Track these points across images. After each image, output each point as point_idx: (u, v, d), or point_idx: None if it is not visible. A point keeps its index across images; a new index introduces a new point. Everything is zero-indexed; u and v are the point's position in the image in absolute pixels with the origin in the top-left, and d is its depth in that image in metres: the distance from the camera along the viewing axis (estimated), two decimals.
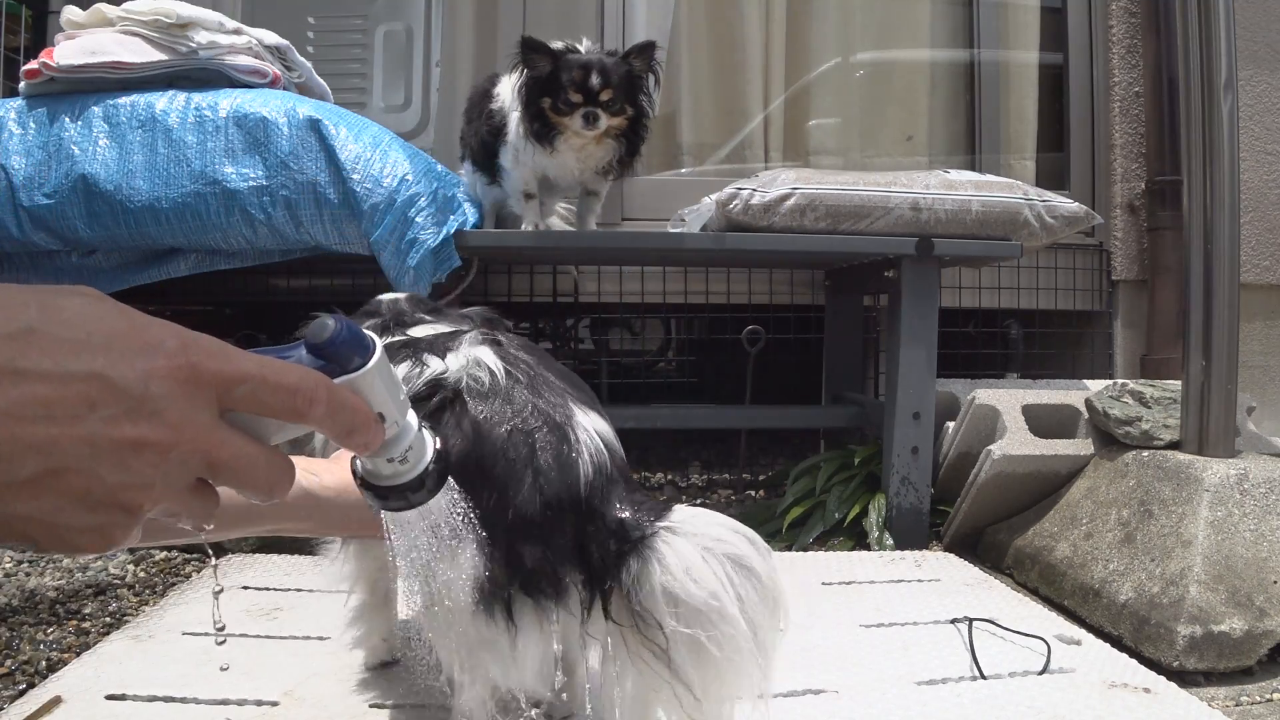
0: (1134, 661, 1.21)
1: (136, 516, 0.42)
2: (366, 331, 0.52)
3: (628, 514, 0.71)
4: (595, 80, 1.67)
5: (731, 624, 0.67)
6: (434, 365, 0.78)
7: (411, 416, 0.56)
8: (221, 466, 0.44)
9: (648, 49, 1.74)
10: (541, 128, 1.73)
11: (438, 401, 0.76)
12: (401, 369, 0.78)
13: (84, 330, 0.40)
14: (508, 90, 1.80)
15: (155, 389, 0.41)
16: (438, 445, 0.59)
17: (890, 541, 1.81)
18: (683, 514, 0.72)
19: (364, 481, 0.58)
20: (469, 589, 0.69)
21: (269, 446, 0.47)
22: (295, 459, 0.75)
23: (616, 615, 0.70)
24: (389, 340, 0.89)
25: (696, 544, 0.69)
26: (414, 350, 0.81)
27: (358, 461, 0.58)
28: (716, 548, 0.69)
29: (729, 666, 0.67)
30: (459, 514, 0.64)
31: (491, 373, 0.77)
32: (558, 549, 0.70)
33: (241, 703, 1.02)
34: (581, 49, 1.74)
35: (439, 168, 1.89)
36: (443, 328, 0.92)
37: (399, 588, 0.89)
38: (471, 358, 0.79)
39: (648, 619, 0.68)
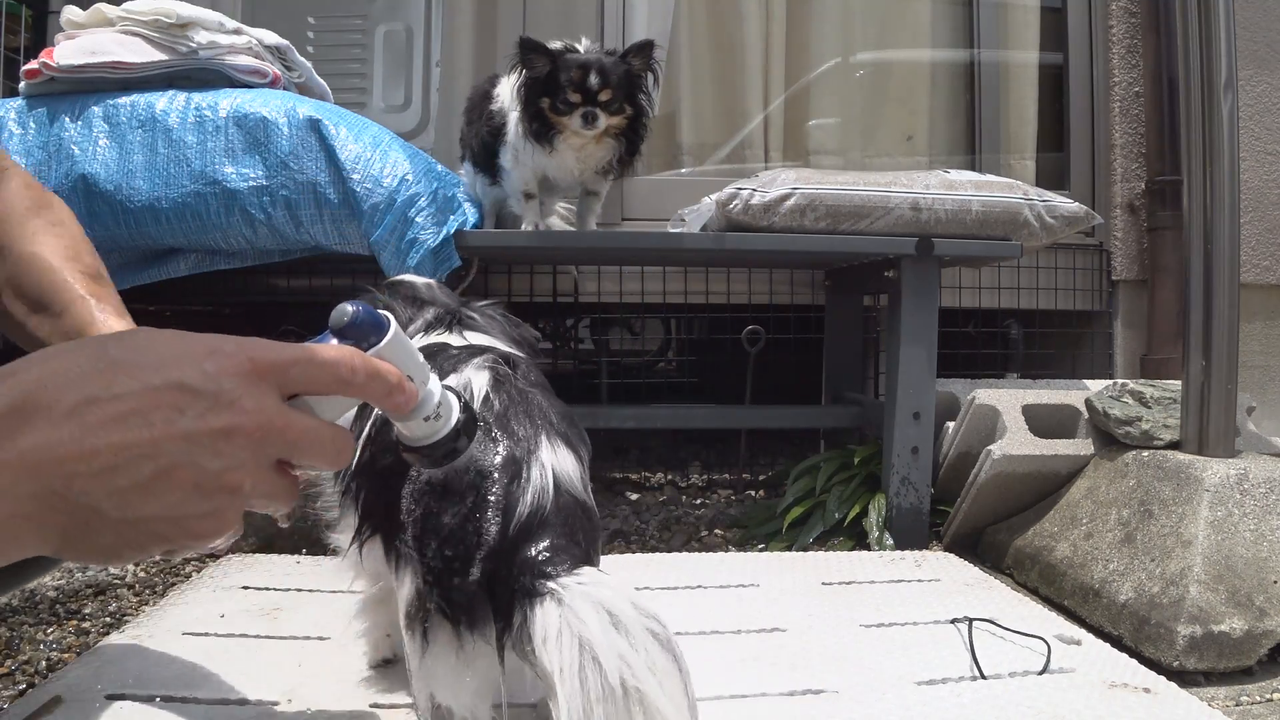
0: (1134, 661, 1.21)
1: (239, 495, 0.50)
2: (380, 311, 0.59)
3: (538, 560, 0.69)
4: (594, 80, 1.67)
5: (571, 710, 0.62)
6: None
7: (434, 378, 0.62)
8: (296, 442, 0.51)
9: (646, 48, 1.74)
10: (540, 128, 1.73)
11: None
12: None
13: (155, 353, 0.48)
14: (507, 91, 1.80)
15: (226, 384, 0.48)
16: (463, 399, 0.64)
17: (890, 541, 1.81)
18: (576, 579, 0.68)
19: (407, 448, 0.64)
20: (405, 602, 0.72)
21: (331, 423, 0.55)
22: None
23: (518, 652, 0.68)
24: (440, 337, 0.92)
25: (561, 616, 0.65)
26: (432, 360, 0.83)
27: (399, 432, 0.63)
28: (575, 625, 0.64)
29: None
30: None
31: (471, 397, 0.79)
32: (475, 579, 0.70)
33: (242, 703, 1.02)
34: (580, 49, 1.73)
35: (439, 168, 1.89)
36: (492, 338, 0.96)
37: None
38: (464, 380, 0.81)
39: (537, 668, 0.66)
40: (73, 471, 0.45)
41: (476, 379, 0.82)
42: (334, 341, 0.57)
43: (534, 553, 0.70)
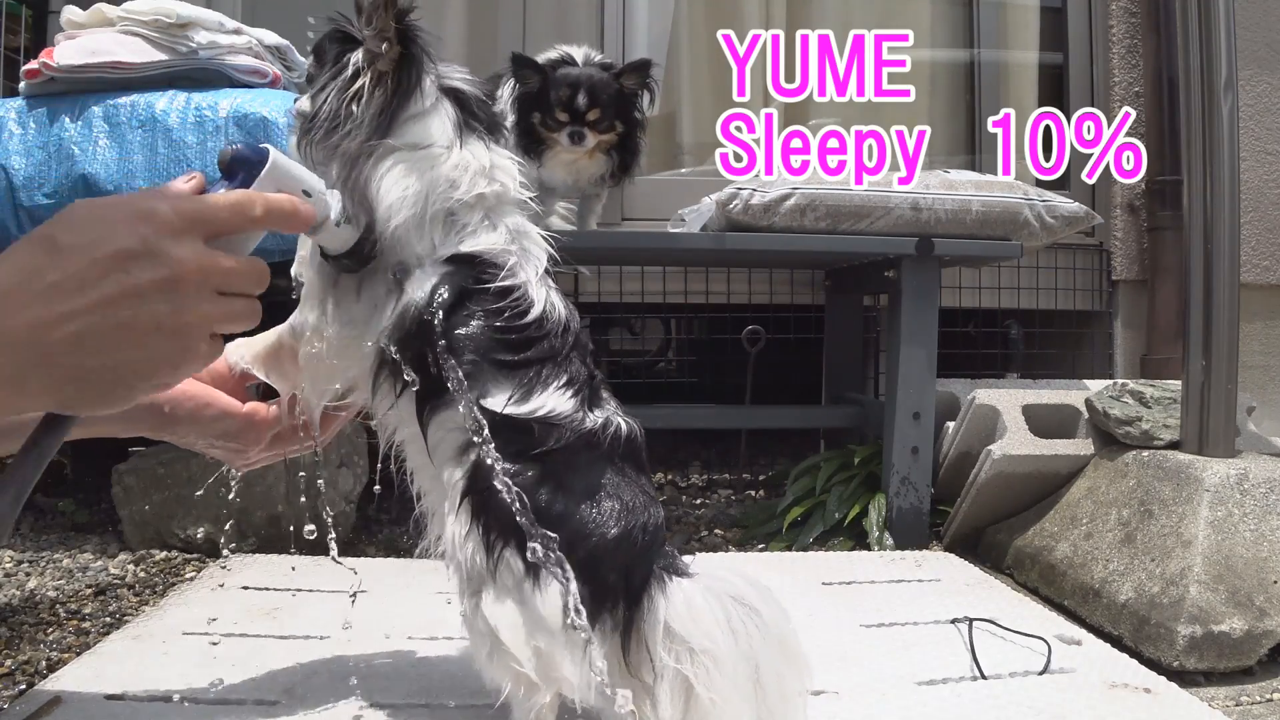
0: (1134, 661, 1.21)
1: (196, 327, 0.61)
2: (260, 145, 0.68)
3: (663, 559, 0.86)
4: (582, 100, 1.69)
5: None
6: (597, 417, 0.86)
7: (333, 194, 0.75)
8: (227, 274, 0.62)
9: (643, 67, 1.75)
10: (530, 142, 1.75)
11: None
12: (570, 403, 0.85)
13: (95, 230, 0.57)
14: (506, 95, 1.81)
15: (161, 244, 0.58)
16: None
17: (890, 541, 1.81)
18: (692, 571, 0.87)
19: (331, 257, 0.79)
20: (559, 599, 0.78)
21: (248, 257, 0.65)
22: None
23: (648, 624, 0.81)
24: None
25: (703, 583, 0.83)
26: (591, 392, 0.89)
27: (318, 247, 0.78)
28: (718, 587, 0.83)
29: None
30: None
31: (616, 437, 0.87)
32: (630, 580, 0.82)
33: (241, 703, 1.02)
34: (577, 58, 1.75)
35: None
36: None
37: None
38: (611, 424, 0.88)
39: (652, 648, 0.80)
40: (49, 339, 0.55)
41: (613, 419, 0.87)
42: (224, 185, 0.67)
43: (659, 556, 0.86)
